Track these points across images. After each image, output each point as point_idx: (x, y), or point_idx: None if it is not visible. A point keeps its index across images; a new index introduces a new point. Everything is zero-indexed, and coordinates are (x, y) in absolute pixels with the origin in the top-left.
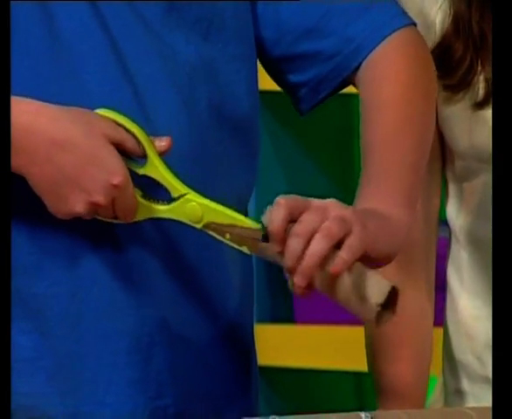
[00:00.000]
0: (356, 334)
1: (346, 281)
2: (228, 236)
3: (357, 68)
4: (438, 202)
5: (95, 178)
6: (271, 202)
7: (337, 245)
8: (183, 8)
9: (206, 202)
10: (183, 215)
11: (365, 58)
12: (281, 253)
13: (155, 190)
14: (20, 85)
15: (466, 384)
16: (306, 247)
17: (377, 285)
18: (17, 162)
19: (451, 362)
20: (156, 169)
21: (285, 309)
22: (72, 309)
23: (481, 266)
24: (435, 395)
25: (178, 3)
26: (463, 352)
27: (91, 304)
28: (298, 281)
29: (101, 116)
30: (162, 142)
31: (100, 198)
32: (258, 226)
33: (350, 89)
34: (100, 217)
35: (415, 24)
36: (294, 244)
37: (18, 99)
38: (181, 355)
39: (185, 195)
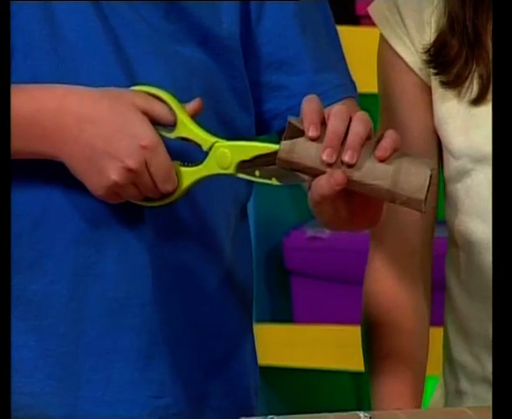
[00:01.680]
0: (355, 334)
1: (391, 167)
2: (258, 173)
3: None
4: (434, 202)
5: (124, 143)
6: (270, 204)
7: None
8: (180, 14)
9: (231, 142)
10: (217, 165)
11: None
12: (316, 140)
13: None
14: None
15: (466, 384)
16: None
17: (420, 162)
18: (51, 146)
19: (450, 363)
20: (186, 127)
21: (284, 309)
22: (72, 307)
23: (478, 267)
24: (436, 396)
25: (176, 10)
26: (462, 352)
27: (92, 301)
28: (348, 157)
29: (131, 90)
30: (193, 104)
31: (131, 162)
32: (278, 146)
33: None
34: (143, 191)
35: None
36: (336, 122)
37: (43, 86)
38: (183, 353)
39: (215, 143)
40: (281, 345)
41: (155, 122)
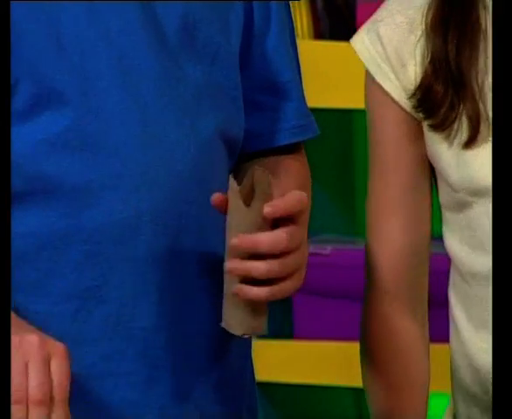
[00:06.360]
0: (356, 350)
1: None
2: None
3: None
4: (428, 230)
5: None
6: None
7: None
8: (194, 29)
9: None
10: None
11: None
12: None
13: None
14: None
15: (477, 413)
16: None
17: None
18: None
19: (460, 392)
20: None
21: (284, 325)
22: (74, 329)
23: (483, 298)
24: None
25: (190, 25)
26: (471, 383)
27: (94, 323)
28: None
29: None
30: None
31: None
32: None
33: (352, 104)
34: None
35: None
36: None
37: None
38: (184, 377)
39: None
40: (282, 361)
41: None
